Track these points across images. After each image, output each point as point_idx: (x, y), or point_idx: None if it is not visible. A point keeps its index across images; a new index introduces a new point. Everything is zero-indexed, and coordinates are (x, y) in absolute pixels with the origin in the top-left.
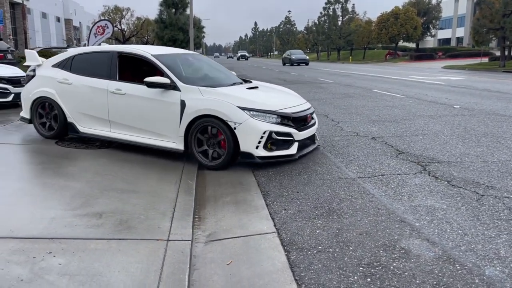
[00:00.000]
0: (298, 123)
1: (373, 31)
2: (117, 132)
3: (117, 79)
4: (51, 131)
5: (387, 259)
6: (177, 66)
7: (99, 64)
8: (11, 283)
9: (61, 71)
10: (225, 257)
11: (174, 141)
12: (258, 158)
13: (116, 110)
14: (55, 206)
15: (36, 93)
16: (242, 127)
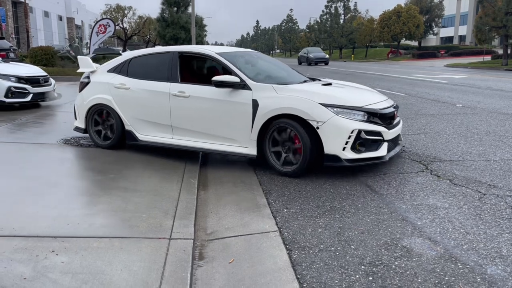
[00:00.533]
0: (386, 120)
1: (375, 29)
2: (180, 139)
3: (179, 81)
4: (107, 141)
5: (389, 258)
6: (242, 64)
7: (158, 66)
8: (14, 281)
9: (117, 76)
10: (227, 255)
11: (246, 145)
12: (346, 161)
13: (179, 115)
14: (57, 205)
15: (91, 100)
16: (326, 126)
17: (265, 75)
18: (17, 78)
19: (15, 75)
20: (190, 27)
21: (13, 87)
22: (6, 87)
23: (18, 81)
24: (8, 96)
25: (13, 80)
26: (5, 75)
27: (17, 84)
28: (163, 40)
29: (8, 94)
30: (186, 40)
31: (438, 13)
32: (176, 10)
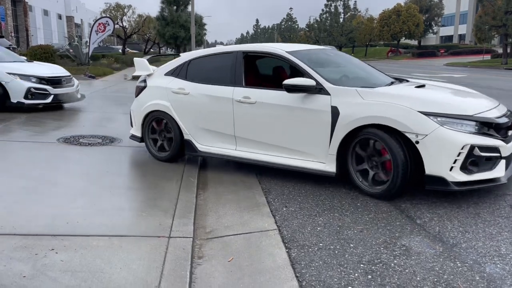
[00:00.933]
0: (502, 131)
1: (375, 28)
2: (245, 150)
3: (243, 84)
4: (165, 152)
5: (388, 256)
6: (318, 64)
7: (220, 68)
8: (14, 280)
9: (176, 79)
10: (226, 254)
11: (322, 160)
12: (454, 184)
13: (243, 123)
14: (57, 203)
15: (148, 106)
16: (428, 140)
17: (345, 76)
18: (37, 79)
19: (36, 76)
20: (190, 26)
21: (33, 88)
22: (26, 88)
23: (39, 81)
24: (28, 98)
25: (33, 80)
26: (25, 75)
27: (37, 84)
28: (163, 39)
29: (28, 95)
30: (185, 39)
31: (437, 12)
32: (175, 9)
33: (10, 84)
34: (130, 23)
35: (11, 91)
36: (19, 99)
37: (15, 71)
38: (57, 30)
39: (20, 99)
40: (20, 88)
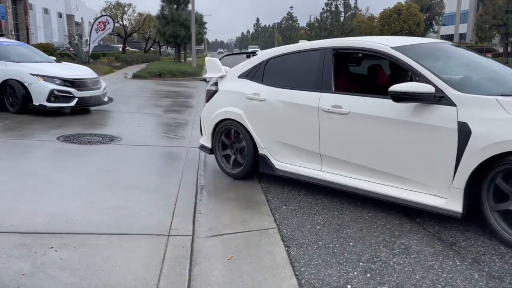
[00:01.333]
0: None
1: (375, 27)
2: (333, 172)
3: (332, 90)
4: (237, 168)
5: (387, 255)
6: (435, 64)
7: (303, 69)
8: (13, 277)
9: (250, 82)
10: (225, 252)
11: (442, 194)
12: None
13: (332, 139)
14: (57, 202)
15: (218, 114)
16: None
17: (474, 80)
18: (61, 81)
19: (60, 77)
20: (190, 24)
21: (56, 90)
22: (49, 90)
23: (63, 83)
24: (51, 100)
25: (57, 82)
26: (49, 76)
27: (61, 87)
28: (163, 38)
29: (51, 98)
30: (186, 37)
31: (438, 11)
32: (176, 7)
33: (32, 85)
34: (130, 22)
35: (34, 93)
36: (41, 101)
37: (39, 72)
38: (57, 28)
39: (42, 102)
40: (42, 90)
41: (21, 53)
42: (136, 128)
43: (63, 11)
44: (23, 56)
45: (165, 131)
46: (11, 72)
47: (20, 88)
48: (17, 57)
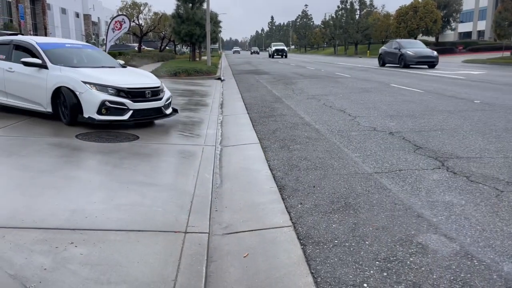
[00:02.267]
0: None
1: (391, 25)
2: None
3: None
4: None
5: (404, 254)
6: None
7: None
8: (35, 272)
9: None
10: (241, 249)
11: None
12: None
13: None
14: (76, 198)
15: None
16: None
17: None
18: (116, 90)
19: (114, 86)
20: (205, 23)
21: (108, 101)
22: (100, 101)
23: (117, 93)
24: (101, 113)
25: (110, 92)
26: (102, 85)
27: (113, 97)
28: (178, 36)
29: (102, 110)
30: (201, 36)
31: (456, 8)
32: (191, 6)
33: (83, 95)
34: (146, 21)
35: (84, 104)
36: (91, 113)
37: (92, 79)
38: (74, 28)
39: (92, 114)
40: (93, 101)
41: (84, 57)
42: (152, 126)
43: (80, 11)
44: (85, 59)
45: (181, 129)
46: (64, 79)
47: (72, 97)
48: (78, 61)
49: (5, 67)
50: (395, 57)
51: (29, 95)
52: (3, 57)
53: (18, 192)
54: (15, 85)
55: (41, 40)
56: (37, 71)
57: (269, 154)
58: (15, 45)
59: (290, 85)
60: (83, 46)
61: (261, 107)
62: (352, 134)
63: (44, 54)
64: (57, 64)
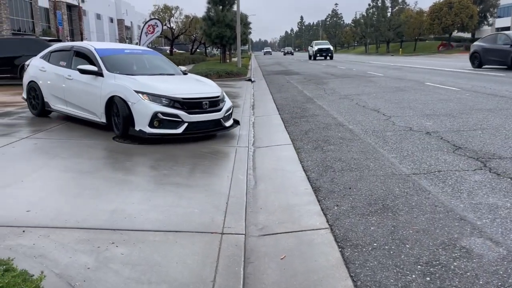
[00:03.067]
0: None
1: (424, 22)
2: None
3: None
4: None
5: (447, 258)
6: None
7: None
8: (79, 271)
9: None
10: (278, 251)
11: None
12: None
13: None
14: (115, 199)
15: None
16: None
17: None
18: (170, 100)
19: (168, 96)
20: (235, 25)
21: (160, 113)
22: (152, 112)
23: (171, 104)
24: (153, 125)
25: (164, 102)
26: (155, 95)
27: (166, 108)
28: (209, 39)
29: (154, 122)
30: (231, 38)
31: (493, 3)
32: (221, 9)
33: (135, 105)
34: (177, 24)
35: (136, 115)
36: (142, 126)
37: (145, 88)
38: (108, 33)
39: (143, 127)
40: (145, 112)
41: (143, 63)
42: None
43: (114, 16)
44: (144, 66)
45: None
46: (117, 88)
47: (124, 107)
48: (136, 68)
49: (65, 75)
50: (505, 56)
51: (85, 104)
52: (64, 64)
53: (61, 193)
54: (73, 93)
55: (99, 46)
56: (94, 78)
57: (303, 155)
58: (75, 52)
59: (321, 85)
60: (143, 51)
61: (293, 107)
62: (387, 134)
63: (101, 61)
64: (113, 72)
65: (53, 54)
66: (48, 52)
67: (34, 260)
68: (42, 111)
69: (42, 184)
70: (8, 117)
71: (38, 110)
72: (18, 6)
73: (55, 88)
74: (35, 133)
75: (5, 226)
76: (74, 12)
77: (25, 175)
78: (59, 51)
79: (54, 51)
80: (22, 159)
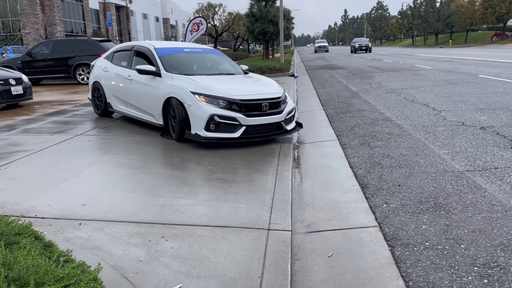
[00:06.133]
0: None
1: (477, 11)
2: None
3: None
4: None
5: (507, 260)
6: None
7: None
8: (132, 263)
9: None
10: (325, 249)
11: None
12: None
13: None
14: (164, 194)
15: None
16: None
17: None
18: (227, 102)
19: (226, 98)
20: (278, 20)
21: (217, 115)
22: (208, 115)
23: (228, 106)
24: (209, 129)
25: (221, 104)
26: (212, 96)
27: (224, 111)
28: (252, 35)
29: (210, 126)
30: (274, 33)
31: None
32: (264, 5)
33: (192, 107)
34: (221, 21)
35: (192, 118)
36: (198, 130)
37: (202, 89)
38: (154, 31)
39: (199, 131)
40: (201, 115)
41: (202, 62)
42: None
43: (159, 15)
44: (204, 65)
45: None
46: (174, 89)
47: (181, 109)
48: (196, 68)
49: (125, 75)
50: None
51: (143, 105)
52: (125, 64)
53: (113, 187)
54: (132, 94)
55: (159, 45)
56: (152, 79)
57: (349, 151)
58: (136, 51)
59: (366, 79)
60: (203, 50)
61: (337, 102)
62: (438, 130)
63: (159, 60)
64: (171, 72)
65: (115, 54)
66: (111, 52)
67: (90, 252)
68: (105, 112)
69: (96, 179)
70: (63, 115)
71: (101, 111)
72: (70, 9)
73: (116, 89)
74: (88, 130)
75: (63, 219)
76: (122, 12)
77: (80, 170)
78: (121, 51)
79: (116, 51)
80: (77, 155)
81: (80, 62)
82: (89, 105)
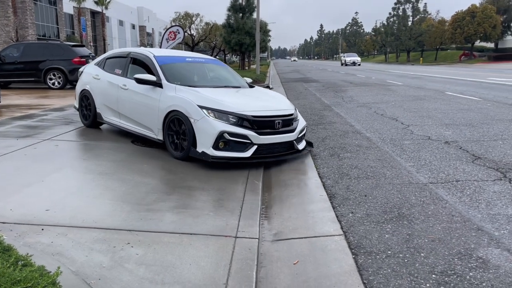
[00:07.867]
0: None
1: (446, 31)
2: None
3: None
4: None
5: (463, 268)
6: None
7: None
8: (94, 269)
9: None
10: (291, 256)
11: None
12: None
13: None
14: (132, 200)
15: None
16: None
17: None
18: (238, 118)
19: (236, 113)
20: (255, 32)
21: (227, 133)
22: (217, 132)
23: (239, 123)
24: (218, 147)
25: (231, 120)
26: (222, 111)
27: (234, 128)
28: (229, 46)
29: (219, 143)
30: (250, 45)
31: None
32: (241, 16)
33: (198, 123)
34: (197, 31)
35: (199, 134)
36: (205, 148)
37: (210, 103)
38: (130, 39)
39: (206, 149)
40: (209, 131)
41: (206, 73)
42: None
43: (136, 23)
44: (207, 77)
45: None
46: (177, 101)
47: (189, 124)
48: (198, 79)
49: (120, 84)
50: None
51: (140, 118)
52: (119, 72)
53: (80, 193)
54: (127, 105)
55: (158, 52)
56: (151, 89)
57: (319, 162)
58: (132, 59)
59: (339, 93)
60: (205, 60)
61: (310, 114)
62: (405, 143)
63: (160, 69)
64: (173, 82)
65: (108, 60)
66: (104, 58)
67: (51, 258)
68: (93, 123)
69: (62, 184)
70: (31, 119)
71: (89, 121)
72: (43, 12)
73: (109, 98)
74: (57, 135)
75: (25, 224)
76: (98, 18)
77: (46, 175)
78: (114, 57)
79: (109, 57)
80: (43, 160)
81: (51, 67)
82: (58, 109)
